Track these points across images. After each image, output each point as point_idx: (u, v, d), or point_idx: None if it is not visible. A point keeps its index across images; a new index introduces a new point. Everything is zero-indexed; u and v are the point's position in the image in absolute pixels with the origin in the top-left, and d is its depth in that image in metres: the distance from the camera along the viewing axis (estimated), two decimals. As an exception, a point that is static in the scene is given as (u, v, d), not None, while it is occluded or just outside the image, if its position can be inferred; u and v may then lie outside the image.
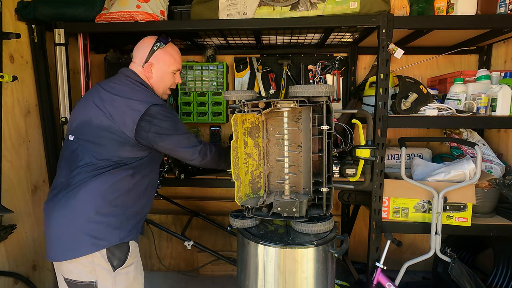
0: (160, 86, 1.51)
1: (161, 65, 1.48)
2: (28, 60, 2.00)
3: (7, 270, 1.87)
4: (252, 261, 1.43)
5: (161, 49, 1.47)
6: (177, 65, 1.53)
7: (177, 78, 1.57)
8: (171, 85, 1.56)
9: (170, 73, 1.51)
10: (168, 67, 1.50)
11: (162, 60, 1.48)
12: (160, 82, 1.50)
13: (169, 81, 1.53)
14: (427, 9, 1.93)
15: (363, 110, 1.66)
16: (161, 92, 1.53)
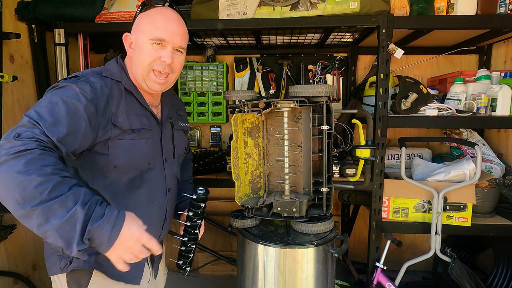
0: (137, 65, 1.05)
1: (137, 34, 1.05)
2: (28, 60, 2.00)
3: (7, 270, 1.87)
4: (252, 261, 1.43)
5: (142, 12, 1.06)
6: (159, 31, 1.02)
7: (164, 53, 1.03)
8: (151, 62, 1.03)
9: (147, 44, 1.02)
10: (144, 35, 1.02)
11: (138, 27, 1.05)
12: (137, 57, 1.05)
13: (146, 56, 1.02)
14: (427, 9, 1.93)
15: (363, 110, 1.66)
16: (140, 74, 1.05)
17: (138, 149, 1.06)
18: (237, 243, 1.59)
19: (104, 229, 0.76)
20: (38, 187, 0.71)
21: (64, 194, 0.74)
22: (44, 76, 2.06)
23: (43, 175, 0.73)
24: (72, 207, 0.73)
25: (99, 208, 0.78)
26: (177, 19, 1.08)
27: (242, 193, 1.50)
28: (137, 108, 1.08)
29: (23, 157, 0.73)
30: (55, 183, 0.73)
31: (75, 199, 0.75)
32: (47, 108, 0.85)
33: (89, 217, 0.75)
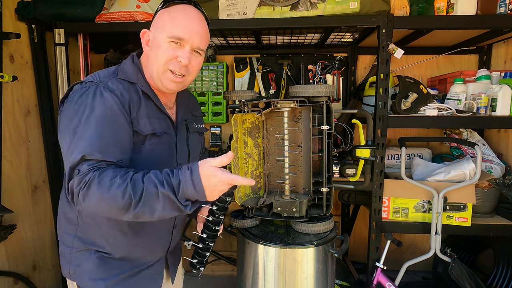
0: (153, 63, 1.00)
1: (156, 31, 1.00)
2: (28, 60, 2.00)
3: (7, 270, 1.87)
4: (252, 261, 1.43)
5: (164, 9, 1.01)
6: (178, 30, 0.96)
7: (181, 54, 0.98)
8: (167, 61, 0.98)
9: (164, 42, 0.97)
10: (162, 32, 0.97)
11: (158, 23, 1.00)
12: (153, 55, 1.00)
13: (162, 54, 0.97)
14: (427, 9, 1.93)
15: (363, 110, 1.66)
16: (155, 73, 1.00)
17: (157, 154, 1.04)
18: (237, 243, 1.59)
19: (189, 190, 0.83)
20: (124, 197, 0.81)
21: (143, 188, 0.82)
22: (44, 76, 2.05)
23: (118, 186, 0.82)
24: (157, 191, 0.82)
25: (173, 179, 0.84)
26: (199, 18, 1.03)
27: (242, 193, 1.50)
28: (155, 111, 1.04)
29: (93, 185, 0.82)
30: (131, 186, 0.82)
31: (153, 184, 0.82)
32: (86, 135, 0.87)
33: (173, 188, 0.83)
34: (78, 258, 1.05)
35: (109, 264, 1.05)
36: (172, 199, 0.82)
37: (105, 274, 1.04)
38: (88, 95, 0.92)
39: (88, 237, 1.04)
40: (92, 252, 1.04)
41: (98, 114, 0.89)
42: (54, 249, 2.20)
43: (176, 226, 1.20)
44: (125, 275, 1.07)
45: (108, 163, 0.88)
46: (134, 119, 0.97)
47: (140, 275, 1.10)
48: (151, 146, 1.01)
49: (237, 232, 1.54)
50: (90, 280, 1.04)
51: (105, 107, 0.91)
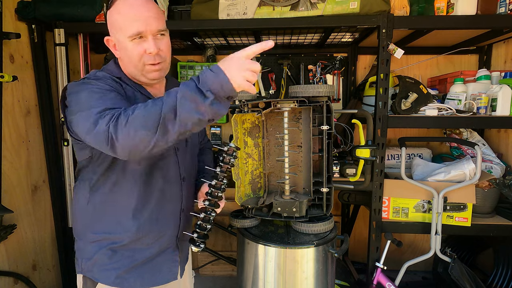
0: (129, 64, 1.04)
1: (116, 35, 1.02)
2: (28, 60, 2.00)
3: (7, 270, 1.87)
4: (252, 261, 1.43)
5: (110, 10, 1.01)
6: (132, 26, 0.97)
7: (147, 46, 1.00)
8: (140, 57, 1.01)
9: (128, 43, 0.99)
10: (121, 33, 0.99)
11: (113, 26, 1.02)
12: (125, 57, 1.04)
13: (133, 53, 1.00)
14: (427, 9, 1.93)
15: (363, 110, 1.66)
16: (135, 71, 1.05)
17: None
18: (237, 243, 1.59)
19: (207, 75, 0.80)
20: (151, 110, 0.81)
21: (164, 97, 0.82)
22: (44, 76, 2.05)
23: (140, 107, 0.83)
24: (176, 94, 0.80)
25: (191, 79, 0.82)
26: (143, 3, 1.01)
27: (242, 193, 1.50)
28: (140, 101, 1.06)
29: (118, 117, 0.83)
30: (151, 102, 0.83)
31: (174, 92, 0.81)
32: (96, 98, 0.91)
33: (192, 83, 0.80)
34: (91, 251, 1.08)
35: (120, 254, 1.07)
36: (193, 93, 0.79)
37: (117, 264, 1.06)
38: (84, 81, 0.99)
39: (98, 226, 1.08)
40: (103, 243, 1.07)
41: (101, 85, 0.96)
42: (54, 249, 2.20)
43: (184, 211, 1.20)
44: (137, 263, 1.09)
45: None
46: None
47: (153, 263, 1.12)
48: None
49: (237, 232, 1.54)
50: (101, 271, 1.06)
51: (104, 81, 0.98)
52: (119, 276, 1.06)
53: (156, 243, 1.12)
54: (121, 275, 1.07)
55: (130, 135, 0.82)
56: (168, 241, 1.16)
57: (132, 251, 1.08)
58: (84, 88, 0.95)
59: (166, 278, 1.16)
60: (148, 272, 1.11)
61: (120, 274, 1.07)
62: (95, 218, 1.08)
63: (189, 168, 1.23)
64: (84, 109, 0.90)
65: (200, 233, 1.10)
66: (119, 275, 1.06)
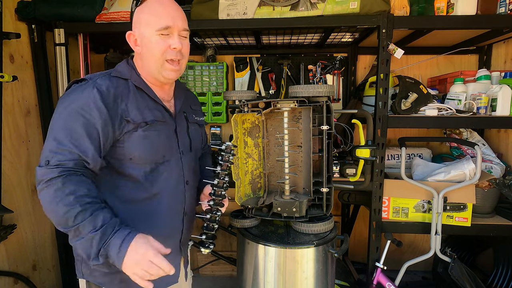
0: (149, 60, 1.06)
1: (142, 29, 1.05)
2: (28, 60, 2.00)
3: (7, 270, 1.87)
4: (252, 261, 1.43)
5: (138, 7, 1.07)
6: (162, 20, 1.03)
7: (172, 41, 1.05)
8: (163, 53, 1.04)
9: (154, 37, 1.03)
10: (148, 28, 1.03)
11: (140, 21, 1.06)
12: (147, 52, 1.06)
13: (156, 48, 1.04)
14: (427, 9, 1.93)
15: (363, 110, 1.66)
16: (154, 67, 1.07)
17: (152, 141, 1.07)
18: (237, 243, 1.59)
19: (113, 248, 0.88)
20: (65, 215, 0.88)
21: (86, 220, 0.88)
22: (44, 76, 2.06)
23: (67, 205, 0.88)
24: (91, 231, 0.88)
25: (112, 232, 0.90)
26: (173, 3, 1.09)
27: (242, 193, 1.50)
28: (148, 102, 1.10)
29: (51, 186, 0.89)
30: (77, 211, 0.88)
31: (94, 224, 0.89)
32: (64, 130, 0.94)
33: (104, 239, 0.88)
34: None
35: None
36: (93, 245, 0.88)
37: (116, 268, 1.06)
38: (77, 91, 1.00)
39: None
40: None
41: (80, 109, 0.96)
42: (54, 249, 2.20)
43: (186, 214, 1.20)
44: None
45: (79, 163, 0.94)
46: (125, 110, 1.02)
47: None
48: (144, 132, 1.05)
49: (237, 232, 1.54)
50: (105, 275, 1.07)
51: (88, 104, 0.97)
52: (123, 280, 1.05)
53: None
54: (126, 279, 1.03)
55: (45, 210, 0.92)
56: (171, 245, 1.15)
57: None
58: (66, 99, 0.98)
59: (169, 281, 1.16)
60: None
61: (124, 278, 1.04)
62: None
63: (192, 172, 1.23)
64: (50, 130, 0.96)
65: (208, 234, 1.12)
66: (124, 279, 1.05)
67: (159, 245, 0.92)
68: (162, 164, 1.11)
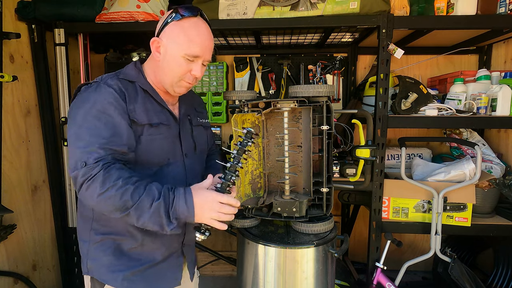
0: (166, 74, 1.07)
1: (170, 43, 1.04)
2: (28, 60, 2.00)
3: (7, 270, 1.87)
4: (252, 261, 1.43)
5: (176, 21, 1.04)
6: (194, 48, 1.03)
7: (195, 68, 1.06)
8: (182, 75, 1.06)
9: (180, 58, 1.04)
10: (178, 48, 1.03)
11: (172, 37, 1.04)
12: (167, 67, 1.06)
13: (177, 68, 1.05)
14: (427, 9, 1.93)
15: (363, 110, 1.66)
16: (169, 83, 1.08)
17: (157, 144, 1.09)
18: (237, 243, 1.59)
19: (180, 206, 0.94)
20: (122, 198, 0.90)
21: (142, 195, 0.92)
22: (44, 76, 2.05)
23: (120, 188, 0.90)
24: (152, 203, 0.92)
25: (171, 193, 0.95)
26: (209, 33, 1.10)
27: (242, 193, 1.50)
28: (154, 105, 1.11)
29: (96, 180, 0.90)
30: (131, 191, 0.91)
31: (152, 195, 0.93)
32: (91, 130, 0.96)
33: (167, 203, 0.93)
34: (96, 251, 1.09)
35: (126, 256, 1.09)
36: (161, 214, 0.92)
37: (123, 266, 1.08)
38: (90, 92, 1.02)
39: (102, 227, 1.09)
40: (109, 243, 1.09)
41: (99, 107, 0.98)
42: (54, 249, 2.20)
43: None
44: (143, 267, 1.10)
45: (114, 157, 0.96)
46: (132, 110, 1.04)
47: (158, 268, 1.13)
48: (150, 136, 1.07)
49: (237, 232, 1.54)
50: (108, 272, 1.08)
51: (104, 101, 0.99)
52: (126, 278, 1.07)
53: (162, 249, 1.13)
54: (128, 277, 1.08)
55: (97, 205, 0.95)
56: (173, 247, 1.17)
57: (139, 254, 1.10)
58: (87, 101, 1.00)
59: (170, 284, 1.17)
60: (153, 277, 1.12)
61: (127, 276, 1.07)
62: (102, 220, 1.09)
63: (196, 175, 1.23)
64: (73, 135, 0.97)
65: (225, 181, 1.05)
66: (126, 277, 1.07)
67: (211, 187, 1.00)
68: (167, 166, 1.13)
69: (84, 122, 0.97)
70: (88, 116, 0.97)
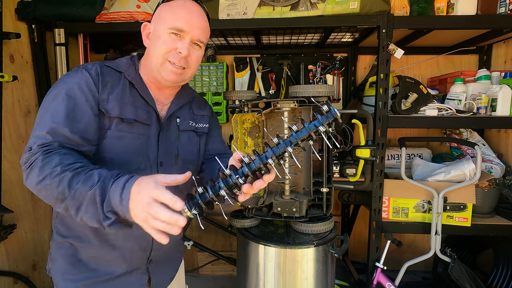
0: (152, 55, 0.97)
1: (156, 23, 0.98)
2: (28, 60, 2.00)
3: (7, 270, 1.87)
4: (252, 261, 1.43)
5: (164, 3, 0.99)
6: (179, 22, 0.94)
7: (181, 44, 0.95)
8: (166, 53, 0.95)
9: (164, 34, 0.94)
10: (163, 24, 0.95)
11: (159, 16, 0.98)
12: (152, 47, 0.98)
13: (162, 45, 0.94)
14: (427, 9, 1.93)
15: (363, 110, 1.66)
16: (154, 64, 0.97)
17: (125, 143, 0.95)
18: (237, 243, 1.59)
19: (115, 195, 0.73)
20: (59, 187, 0.76)
21: (79, 183, 0.75)
22: (44, 76, 2.05)
23: (56, 176, 0.76)
24: (90, 190, 0.74)
25: (112, 180, 0.75)
26: (199, 13, 0.99)
27: (242, 193, 1.50)
28: (137, 100, 0.99)
29: (35, 166, 0.79)
30: (69, 178, 0.76)
31: (91, 182, 0.75)
32: (49, 113, 0.86)
33: (104, 191, 0.74)
34: (56, 252, 1.02)
35: (82, 265, 0.99)
36: (97, 205, 0.74)
37: (77, 276, 0.98)
38: (68, 75, 0.94)
39: (62, 228, 1.01)
40: (66, 247, 0.99)
41: (67, 90, 0.89)
42: (54, 249, 2.20)
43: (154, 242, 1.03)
44: (99, 280, 0.99)
45: (63, 144, 0.84)
46: (104, 100, 0.93)
47: (115, 282, 1.01)
48: (118, 132, 0.94)
49: (237, 232, 1.54)
50: (61, 280, 0.99)
51: (74, 85, 0.90)
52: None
53: (119, 262, 1.01)
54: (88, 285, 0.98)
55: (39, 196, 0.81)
56: (136, 262, 1.03)
57: (95, 264, 0.99)
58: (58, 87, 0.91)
59: None
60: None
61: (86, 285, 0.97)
62: (63, 220, 1.01)
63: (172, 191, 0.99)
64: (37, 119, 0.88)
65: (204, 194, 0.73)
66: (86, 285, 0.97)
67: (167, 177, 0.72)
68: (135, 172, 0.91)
69: (49, 106, 0.88)
70: (55, 99, 0.88)
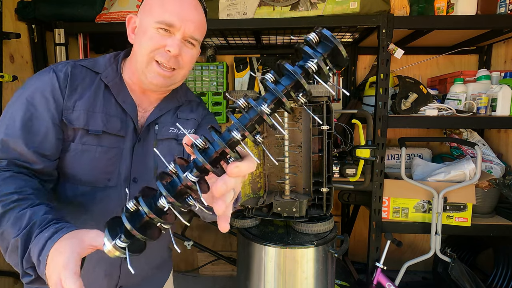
0: (137, 53, 0.84)
1: (142, 16, 0.84)
2: (28, 60, 2.00)
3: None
4: (252, 261, 1.43)
5: None
6: (168, 15, 0.79)
7: (171, 41, 0.81)
8: (153, 49, 0.81)
9: (151, 29, 0.80)
10: (150, 17, 0.81)
11: (145, 7, 0.84)
12: (138, 44, 0.84)
13: (148, 42, 0.81)
14: (427, 9, 1.93)
15: (363, 110, 1.66)
16: (139, 64, 0.83)
17: (89, 158, 0.82)
18: (237, 243, 1.59)
19: (35, 252, 0.59)
20: None
21: (9, 222, 0.63)
22: (44, 76, 2.06)
23: None
24: (15, 235, 0.61)
25: (38, 229, 0.61)
26: (194, 5, 0.84)
27: (242, 193, 1.50)
28: (110, 107, 0.85)
29: None
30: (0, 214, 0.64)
31: (18, 225, 0.62)
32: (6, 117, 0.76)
33: (27, 243, 0.60)
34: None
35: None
36: (19, 255, 0.61)
37: None
38: (37, 75, 0.82)
39: None
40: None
41: (29, 94, 0.78)
42: (54, 249, 2.20)
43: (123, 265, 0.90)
44: None
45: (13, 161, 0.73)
46: (68, 108, 0.80)
47: None
48: (82, 145, 0.81)
49: (237, 232, 1.54)
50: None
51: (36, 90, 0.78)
52: None
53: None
54: None
55: None
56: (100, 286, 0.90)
57: None
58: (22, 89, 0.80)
59: None
60: None
61: None
62: None
63: None
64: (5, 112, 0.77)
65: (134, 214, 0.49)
66: None
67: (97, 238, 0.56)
68: (102, 189, 0.84)
69: (7, 110, 0.77)
70: (15, 102, 0.77)
